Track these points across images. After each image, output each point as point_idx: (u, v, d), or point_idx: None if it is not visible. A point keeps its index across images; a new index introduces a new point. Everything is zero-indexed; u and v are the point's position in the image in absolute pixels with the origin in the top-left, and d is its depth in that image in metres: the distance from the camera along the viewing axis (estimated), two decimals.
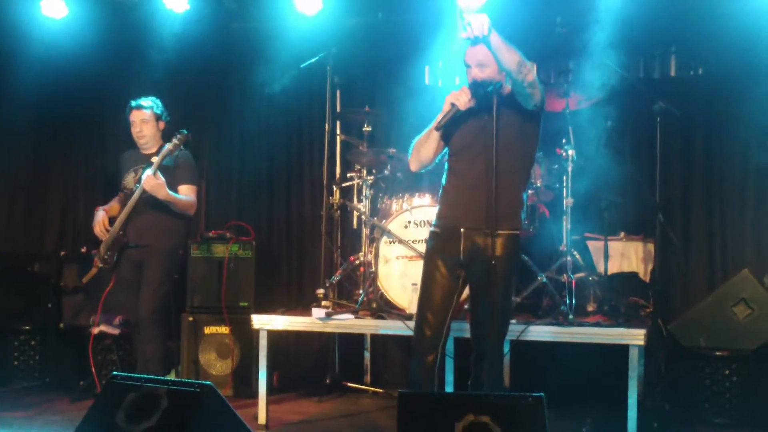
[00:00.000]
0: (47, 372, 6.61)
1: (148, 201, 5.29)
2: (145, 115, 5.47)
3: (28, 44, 6.79)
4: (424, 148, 4.26)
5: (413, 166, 4.39)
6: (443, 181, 4.26)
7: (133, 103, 5.52)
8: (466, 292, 4.19)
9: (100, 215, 5.46)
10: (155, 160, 5.29)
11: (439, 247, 4.17)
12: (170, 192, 5.28)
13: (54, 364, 6.62)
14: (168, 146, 5.28)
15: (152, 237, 5.36)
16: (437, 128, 4.11)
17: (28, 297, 6.83)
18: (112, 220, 5.44)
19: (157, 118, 5.52)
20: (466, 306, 4.49)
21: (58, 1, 6.53)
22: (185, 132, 5.32)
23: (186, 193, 5.43)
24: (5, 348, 6.60)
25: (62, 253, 6.67)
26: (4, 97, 7.03)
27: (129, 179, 5.49)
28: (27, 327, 6.65)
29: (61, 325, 6.48)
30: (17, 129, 7.42)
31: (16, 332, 6.63)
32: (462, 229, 4.08)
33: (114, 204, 5.59)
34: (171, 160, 5.36)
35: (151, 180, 5.18)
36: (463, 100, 4.02)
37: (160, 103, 5.57)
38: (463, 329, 4.52)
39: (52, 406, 5.81)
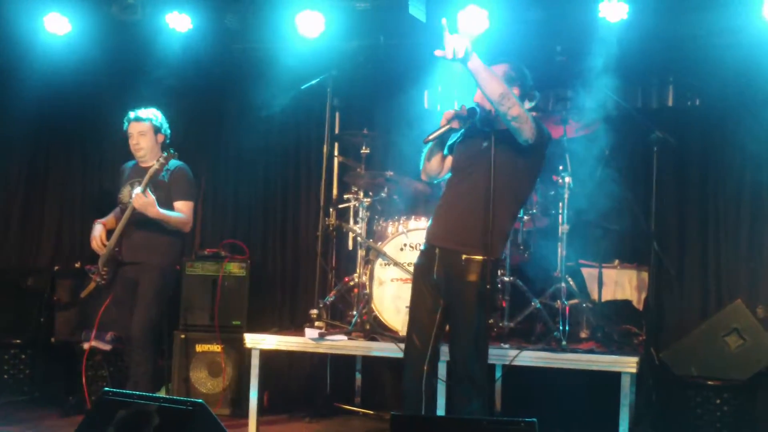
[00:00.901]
0: (37, 387, 6.58)
1: (141, 218, 5.21)
2: (143, 127, 5.39)
3: (29, 59, 6.80)
4: (428, 157, 4.32)
5: (422, 175, 4.44)
6: None
7: (131, 115, 5.44)
8: None
9: (98, 229, 5.40)
10: (143, 178, 5.23)
11: (420, 265, 4.25)
12: (161, 210, 5.18)
13: (44, 379, 6.59)
14: (155, 165, 5.15)
15: (145, 254, 5.29)
16: (424, 141, 4.17)
17: (20, 311, 6.82)
18: (110, 234, 5.39)
19: (156, 130, 5.44)
20: None
21: (62, 18, 6.56)
22: (172, 150, 5.20)
23: (181, 209, 5.35)
24: None
25: (56, 267, 6.64)
26: (2, 111, 7.04)
27: (125, 193, 5.40)
28: (18, 341, 6.62)
29: (53, 339, 6.45)
30: (14, 143, 7.43)
31: (6, 346, 6.61)
32: (437, 249, 4.11)
33: (111, 217, 5.55)
34: (166, 175, 5.30)
35: (140, 198, 5.08)
36: (455, 122, 4.06)
37: (160, 115, 5.50)
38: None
39: (41, 422, 5.77)
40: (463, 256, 3.98)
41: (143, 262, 5.29)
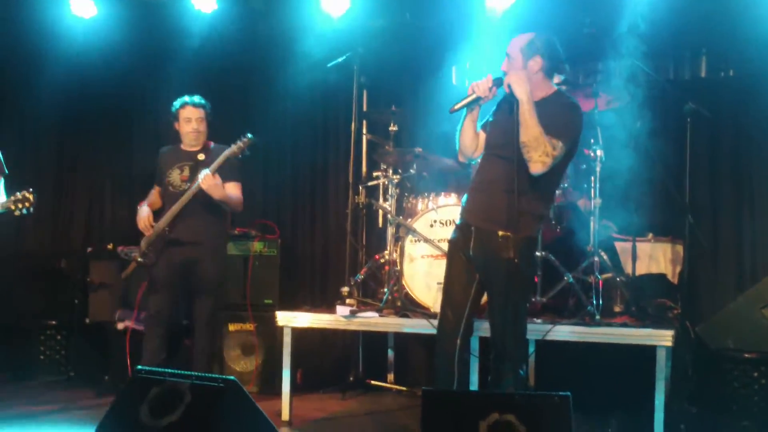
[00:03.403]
0: (72, 367, 6.67)
1: (200, 200, 5.20)
2: (202, 113, 5.40)
3: (56, 43, 6.86)
4: (461, 136, 4.28)
5: (460, 156, 4.40)
6: None
7: (188, 99, 5.40)
8: None
9: (145, 211, 5.36)
10: (201, 158, 5.23)
11: (456, 239, 4.24)
12: (224, 191, 5.22)
13: (79, 359, 6.67)
14: (233, 148, 5.18)
15: (203, 235, 5.28)
16: (450, 111, 4.13)
17: (55, 293, 6.91)
18: (154, 215, 5.39)
19: (208, 117, 5.47)
20: None
21: (87, 1, 6.58)
22: (250, 136, 5.21)
23: (233, 190, 5.36)
24: (32, 343, 6.71)
25: (89, 249, 6.69)
26: (31, 95, 7.10)
27: (174, 176, 5.37)
28: (53, 322, 6.73)
29: (87, 320, 6.51)
30: (44, 127, 7.49)
31: (42, 327, 6.73)
32: (473, 228, 4.09)
33: (154, 199, 5.54)
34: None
35: (209, 179, 5.10)
36: (482, 87, 4.04)
37: (209, 104, 5.52)
38: (486, 328, 4.50)
39: (77, 401, 5.85)
40: (500, 233, 3.95)
41: (202, 243, 5.27)
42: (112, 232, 7.22)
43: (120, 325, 6.02)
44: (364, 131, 6.40)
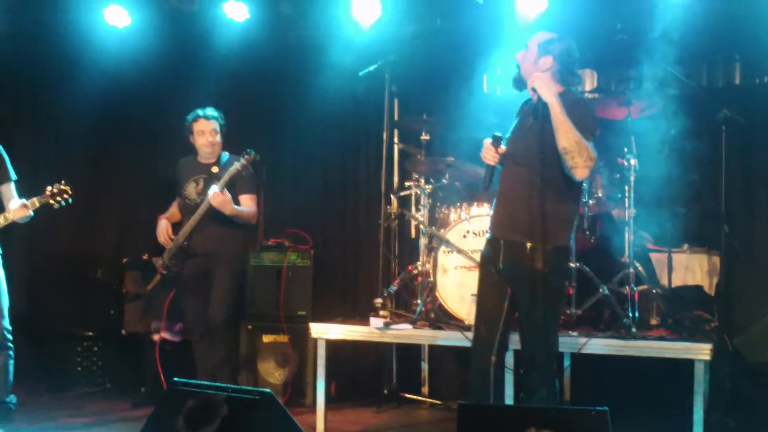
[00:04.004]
0: (108, 378, 6.72)
1: (213, 213, 5.30)
2: (215, 125, 5.48)
3: (90, 52, 6.90)
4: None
5: None
6: None
7: (201, 113, 5.49)
8: None
9: (163, 224, 5.50)
10: (215, 170, 5.31)
11: (486, 254, 4.23)
12: (235, 207, 5.31)
13: (115, 370, 6.72)
14: (236, 165, 5.23)
15: (218, 246, 5.38)
16: (484, 189, 4.22)
17: (90, 303, 6.98)
18: (174, 227, 5.48)
19: (221, 128, 5.53)
20: None
21: (121, 10, 6.66)
22: (252, 152, 5.26)
23: (246, 203, 5.45)
24: (68, 354, 6.75)
25: (124, 260, 6.75)
26: (65, 104, 7.15)
27: (190, 189, 5.50)
28: (89, 333, 6.78)
29: (123, 331, 6.56)
30: (78, 137, 7.52)
31: (78, 338, 6.77)
32: (501, 240, 4.07)
33: (174, 210, 5.63)
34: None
35: (218, 197, 5.19)
36: (488, 156, 4.13)
37: (221, 114, 5.59)
38: (518, 341, 4.47)
39: (113, 412, 5.90)
40: (528, 245, 3.92)
41: (216, 254, 5.38)
42: (147, 242, 7.25)
43: (155, 336, 6.05)
44: (396, 140, 6.40)
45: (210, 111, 5.51)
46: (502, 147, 4.11)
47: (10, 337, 4.91)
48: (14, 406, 4.97)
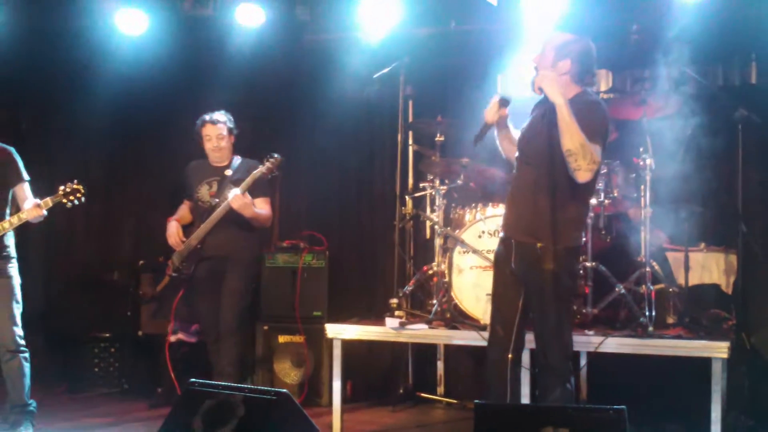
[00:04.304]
0: (126, 379, 6.77)
1: (230, 217, 5.30)
2: (221, 130, 5.47)
3: (105, 57, 6.93)
4: (501, 146, 4.37)
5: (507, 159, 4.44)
6: None
7: (207, 118, 5.50)
8: None
9: (173, 226, 5.49)
10: (228, 173, 5.31)
11: (499, 254, 4.23)
12: (254, 209, 5.30)
13: (132, 371, 6.77)
14: (261, 169, 5.26)
15: (231, 249, 5.38)
16: (474, 144, 4.16)
17: (107, 305, 7.03)
18: (184, 229, 5.48)
19: (230, 131, 5.53)
20: None
21: (137, 16, 6.68)
22: (277, 156, 5.29)
23: (261, 206, 5.45)
24: (86, 355, 6.81)
25: (140, 262, 6.78)
26: (80, 109, 7.19)
27: (203, 192, 5.49)
28: (106, 335, 6.84)
29: (140, 333, 6.60)
30: (93, 141, 7.55)
31: (96, 340, 6.83)
32: (512, 240, 4.07)
33: (183, 213, 5.63)
34: (246, 174, 5.37)
35: (239, 199, 5.19)
36: (489, 113, 4.12)
37: (231, 117, 5.59)
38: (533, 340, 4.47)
39: (131, 413, 5.94)
40: (539, 245, 3.92)
41: (229, 256, 5.37)
42: (162, 244, 7.27)
43: (172, 337, 6.08)
44: (410, 142, 6.41)
45: (217, 115, 5.50)
46: (505, 110, 4.09)
47: (22, 342, 4.94)
48: (35, 409, 5.01)
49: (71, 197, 4.81)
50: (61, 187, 4.85)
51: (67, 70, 7.23)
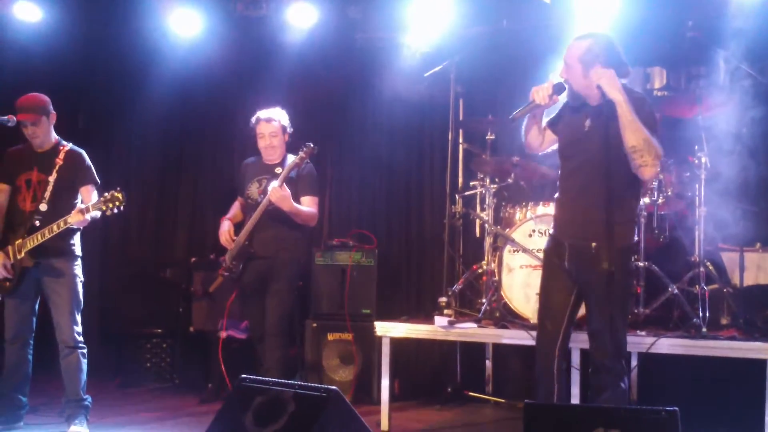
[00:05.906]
0: (177, 374, 6.88)
1: (273, 213, 5.28)
2: (274, 128, 5.45)
3: (160, 60, 7.04)
4: (525, 133, 4.32)
5: (526, 149, 4.44)
6: None
7: (262, 116, 5.49)
8: None
9: (226, 225, 5.52)
10: (279, 171, 5.30)
11: (550, 250, 4.19)
12: (294, 204, 5.27)
13: (183, 367, 6.88)
14: (295, 159, 5.25)
15: (276, 249, 5.35)
16: (511, 119, 4.10)
17: (160, 302, 7.16)
18: (237, 228, 5.53)
19: (284, 130, 5.50)
20: None
21: (190, 18, 6.77)
22: (311, 145, 5.25)
23: (308, 204, 5.41)
24: (139, 350, 6.95)
25: (192, 260, 6.87)
26: (137, 109, 7.32)
27: (253, 189, 5.50)
28: (159, 330, 6.97)
29: (191, 329, 6.68)
30: (148, 141, 7.67)
31: (148, 335, 6.96)
32: (566, 243, 4.05)
33: (236, 212, 5.67)
34: (294, 172, 5.38)
35: (277, 192, 5.16)
36: (542, 94, 3.99)
37: (285, 115, 5.59)
38: (586, 340, 4.42)
39: (182, 408, 6.00)
40: (593, 245, 3.87)
41: (274, 256, 5.35)
42: (215, 242, 7.37)
43: (223, 334, 6.14)
44: (461, 140, 6.39)
45: (271, 113, 5.49)
46: (557, 97, 4.01)
47: (81, 338, 5.05)
48: (90, 404, 5.11)
49: (110, 204, 4.86)
50: (105, 194, 4.93)
51: (124, 72, 7.36)
